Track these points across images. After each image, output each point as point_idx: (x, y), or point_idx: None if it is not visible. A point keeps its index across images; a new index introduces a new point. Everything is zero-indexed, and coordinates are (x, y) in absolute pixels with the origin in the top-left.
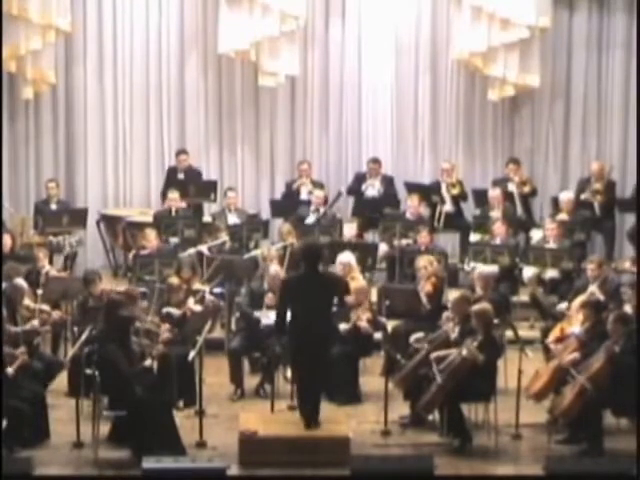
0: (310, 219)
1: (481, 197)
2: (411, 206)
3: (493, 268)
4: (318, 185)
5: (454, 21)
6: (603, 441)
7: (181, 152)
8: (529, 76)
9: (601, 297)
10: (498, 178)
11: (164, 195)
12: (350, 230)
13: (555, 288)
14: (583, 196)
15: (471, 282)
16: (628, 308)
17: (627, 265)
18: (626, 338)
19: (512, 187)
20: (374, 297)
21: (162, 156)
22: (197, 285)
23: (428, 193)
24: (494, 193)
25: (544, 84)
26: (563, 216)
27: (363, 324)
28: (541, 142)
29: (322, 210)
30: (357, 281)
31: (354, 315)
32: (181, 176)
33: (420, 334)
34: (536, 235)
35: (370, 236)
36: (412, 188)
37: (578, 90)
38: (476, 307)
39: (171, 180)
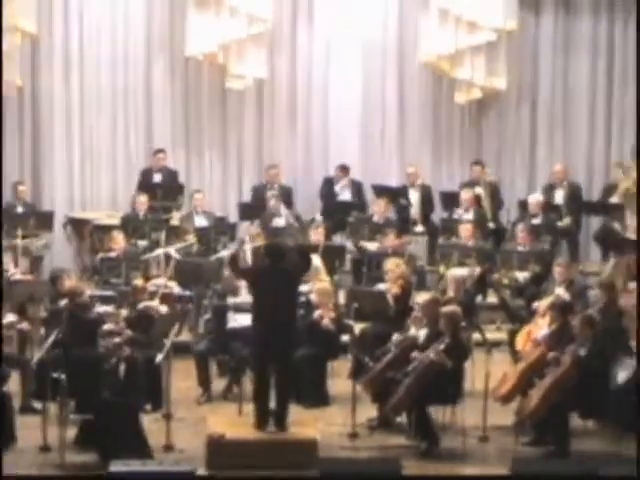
0: (276, 221)
1: (449, 200)
2: (378, 209)
3: (465, 271)
4: (286, 190)
5: (421, 24)
6: (569, 443)
7: (159, 151)
8: (496, 79)
9: (567, 299)
10: (467, 181)
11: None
12: (317, 234)
13: (522, 291)
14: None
15: (443, 284)
16: (594, 310)
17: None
18: (592, 341)
19: (480, 190)
20: (342, 300)
21: (129, 159)
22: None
23: (396, 196)
24: (466, 195)
25: (511, 87)
26: (534, 220)
27: (325, 321)
28: (508, 145)
29: (285, 213)
30: (324, 283)
31: (317, 314)
32: (157, 177)
33: (399, 336)
34: None
35: (338, 239)
36: (380, 191)
37: (544, 92)
38: (445, 309)
39: (144, 183)
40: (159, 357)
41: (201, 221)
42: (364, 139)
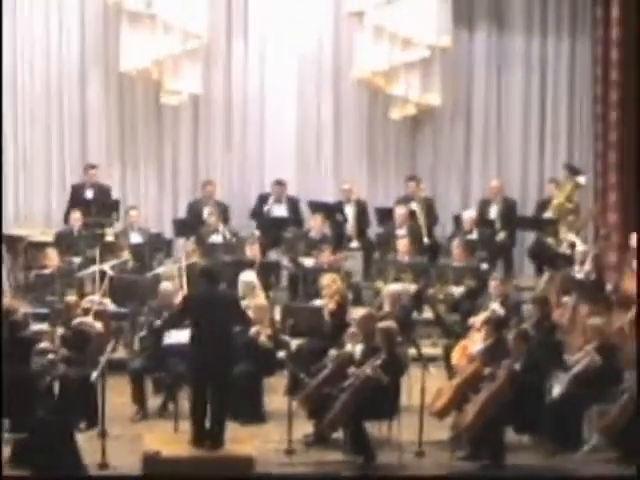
0: (213, 238)
1: (384, 215)
2: (314, 225)
3: (401, 286)
4: (221, 206)
5: (356, 40)
6: (504, 457)
7: (91, 167)
8: (430, 95)
9: (502, 314)
10: (401, 196)
11: (67, 215)
12: (252, 250)
13: (458, 306)
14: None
15: (379, 300)
16: (528, 325)
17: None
18: (527, 355)
19: (415, 206)
20: (278, 316)
21: (63, 174)
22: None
23: (332, 212)
24: (401, 211)
25: (445, 103)
26: (469, 236)
27: (262, 338)
28: (442, 160)
29: (221, 229)
30: (259, 299)
31: (254, 330)
32: (89, 192)
33: (335, 352)
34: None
35: (274, 255)
36: (316, 207)
37: (479, 109)
38: (381, 325)
39: (76, 199)
40: (94, 375)
41: (136, 238)
42: (300, 155)
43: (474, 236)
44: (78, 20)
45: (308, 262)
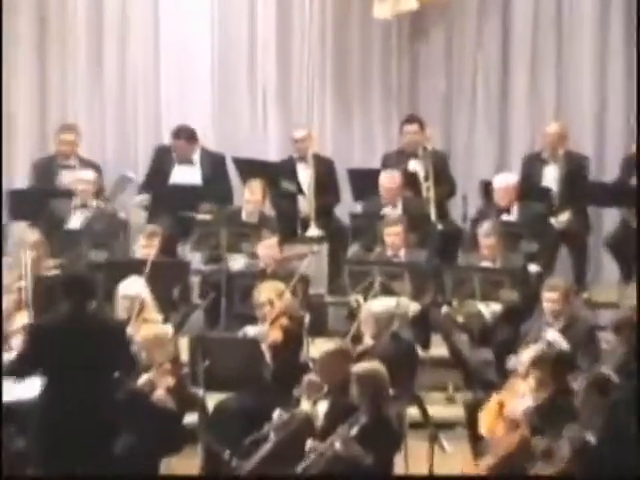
0: (74, 222)
1: (364, 183)
2: (249, 200)
3: (392, 302)
4: (88, 165)
5: None
6: None
7: None
8: None
9: (565, 348)
10: (391, 152)
11: None
12: (145, 242)
13: (488, 335)
14: None
15: (356, 325)
16: (609, 367)
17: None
18: (607, 418)
19: (416, 165)
20: (186, 354)
21: None
22: None
23: (274, 178)
24: (389, 179)
25: None
26: (508, 216)
27: (158, 392)
28: (461, 88)
29: (95, 205)
30: (153, 326)
31: (145, 380)
32: None
33: (283, 413)
34: None
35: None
36: (249, 169)
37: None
38: (360, 368)
39: None
40: None
41: None
42: (221, 87)
43: (515, 217)
44: None
45: (237, 262)
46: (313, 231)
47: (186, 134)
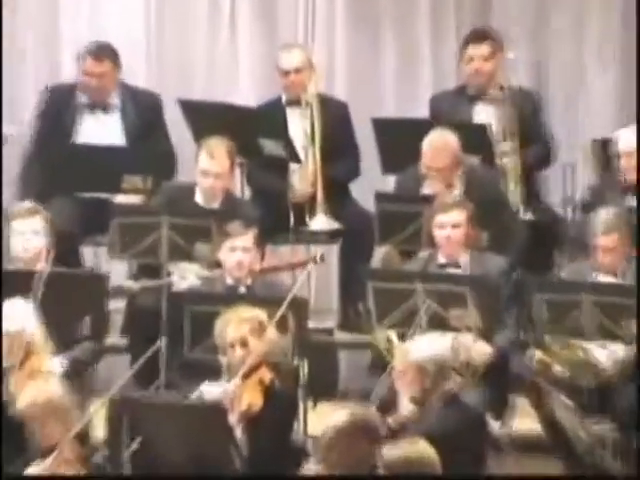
0: None
1: (398, 144)
2: (207, 170)
3: (447, 342)
4: None
5: None
6: None
7: None
8: None
9: None
10: (445, 92)
11: None
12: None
13: (609, 395)
14: None
15: (384, 381)
16: None
17: None
18: None
19: (486, 114)
20: (100, 427)
21: None
22: None
23: (252, 133)
24: (440, 139)
25: None
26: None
27: None
28: None
29: None
30: (46, 384)
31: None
32: None
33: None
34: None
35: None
36: (206, 120)
37: None
38: (394, 453)
39: None
40: None
41: None
42: None
43: None
44: None
45: (186, 276)
46: (316, 223)
47: (107, 54)
